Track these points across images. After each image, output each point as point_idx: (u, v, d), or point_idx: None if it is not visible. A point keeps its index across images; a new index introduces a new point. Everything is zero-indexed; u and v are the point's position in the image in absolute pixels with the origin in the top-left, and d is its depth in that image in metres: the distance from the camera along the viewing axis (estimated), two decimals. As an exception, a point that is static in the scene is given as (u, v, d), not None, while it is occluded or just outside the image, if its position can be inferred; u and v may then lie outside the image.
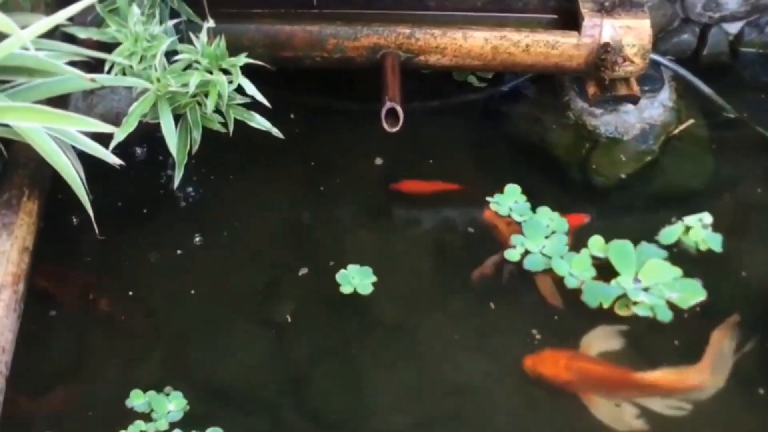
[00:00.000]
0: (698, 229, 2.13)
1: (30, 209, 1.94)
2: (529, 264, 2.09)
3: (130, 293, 2.00)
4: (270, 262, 2.11)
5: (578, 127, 2.35)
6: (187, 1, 1.97)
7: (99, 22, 1.95)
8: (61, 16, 1.57)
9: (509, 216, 2.19)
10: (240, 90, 1.91)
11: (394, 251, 2.15)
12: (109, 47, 1.87)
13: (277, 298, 2.03)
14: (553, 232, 2.14)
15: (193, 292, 2.03)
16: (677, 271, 2.05)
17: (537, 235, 2.13)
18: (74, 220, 2.05)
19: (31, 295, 1.86)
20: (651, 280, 2.03)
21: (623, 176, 2.28)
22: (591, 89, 2.32)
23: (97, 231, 1.77)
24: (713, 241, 2.11)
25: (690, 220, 2.15)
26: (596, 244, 2.11)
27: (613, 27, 2.21)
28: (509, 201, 2.21)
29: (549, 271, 2.07)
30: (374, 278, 2.04)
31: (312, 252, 2.12)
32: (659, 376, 1.88)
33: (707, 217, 2.15)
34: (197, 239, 2.12)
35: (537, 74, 2.43)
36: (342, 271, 2.05)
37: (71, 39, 1.90)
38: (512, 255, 2.10)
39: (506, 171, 2.30)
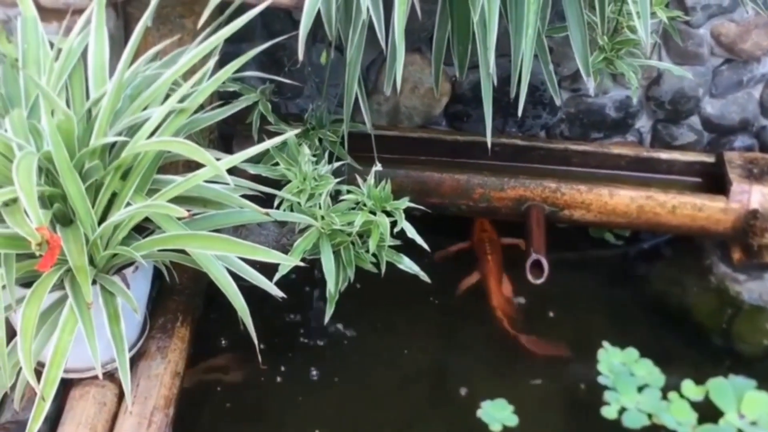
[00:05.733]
0: None
1: (182, 335, 1.99)
2: (628, 421, 2.06)
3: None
4: (404, 404, 2.10)
5: (720, 292, 2.33)
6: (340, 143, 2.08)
7: (258, 159, 2.03)
8: (246, 154, 1.65)
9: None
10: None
11: (525, 389, 2.15)
12: (265, 182, 1.94)
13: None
14: (647, 386, 2.12)
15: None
16: (775, 400, 2.05)
17: (629, 389, 2.11)
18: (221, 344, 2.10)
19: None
20: (755, 413, 2.04)
21: (769, 345, 2.25)
22: (736, 254, 2.31)
23: (260, 360, 1.79)
24: None
25: None
26: (689, 388, 2.11)
27: (762, 194, 2.22)
28: (617, 358, 2.19)
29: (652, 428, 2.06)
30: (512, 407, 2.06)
31: (449, 393, 2.13)
32: None
33: None
34: (335, 378, 2.13)
35: (679, 236, 2.42)
36: (479, 410, 2.06)
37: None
38: (609, 412, 2.08)
39: (640, 331, 2.28)
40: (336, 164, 1.95)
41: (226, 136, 2.34)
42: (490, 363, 2.22)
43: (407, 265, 2.00)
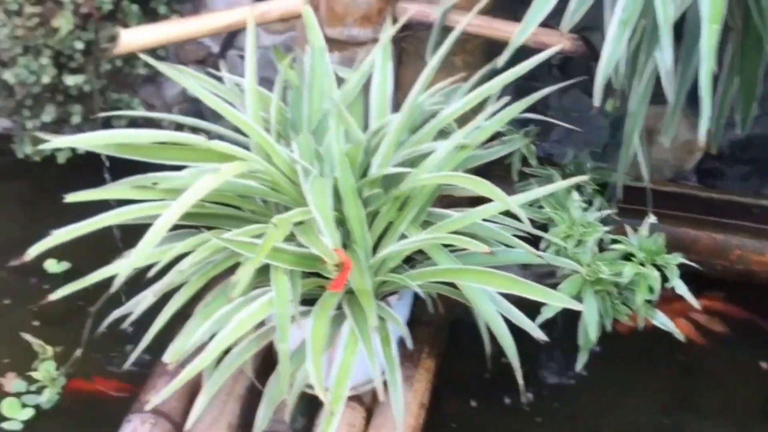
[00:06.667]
0: None
1: (428, 366, 2.01)
2: None
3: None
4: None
5: None
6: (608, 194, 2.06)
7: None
8: (529, 196, 1.67)
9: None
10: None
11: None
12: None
13: None
14: None
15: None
16: None
17: None
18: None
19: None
20: None
21: None
22: None
23: (525, 399, 1.78)
24: None
25: None
26: None
27: None
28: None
29: None
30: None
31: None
32: None
33: None
34: (564, 425, 2.09)
35: None
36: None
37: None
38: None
39: None
40: (604, 212, 1.92)
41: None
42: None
43: (661, 320, 1.93)
